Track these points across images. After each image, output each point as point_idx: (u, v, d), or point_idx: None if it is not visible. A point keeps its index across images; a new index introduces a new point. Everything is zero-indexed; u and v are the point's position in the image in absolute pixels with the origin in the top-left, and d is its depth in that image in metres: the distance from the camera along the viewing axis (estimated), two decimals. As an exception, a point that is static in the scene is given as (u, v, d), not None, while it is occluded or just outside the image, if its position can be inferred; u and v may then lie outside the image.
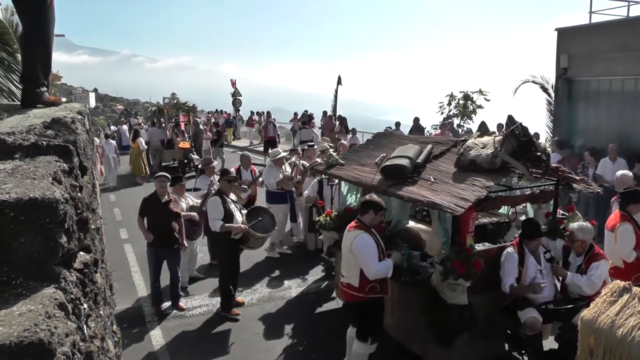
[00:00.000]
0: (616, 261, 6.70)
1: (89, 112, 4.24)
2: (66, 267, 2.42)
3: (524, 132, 6.02)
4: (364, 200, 6.01)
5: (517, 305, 5.92)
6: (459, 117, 21.15)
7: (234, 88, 33.95)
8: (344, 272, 6.04)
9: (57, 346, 1.97)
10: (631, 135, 12.50)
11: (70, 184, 2.63)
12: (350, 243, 5.76)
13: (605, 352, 4.59)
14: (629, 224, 6.75)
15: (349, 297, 6.01)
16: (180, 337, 7.60)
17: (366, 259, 5.72)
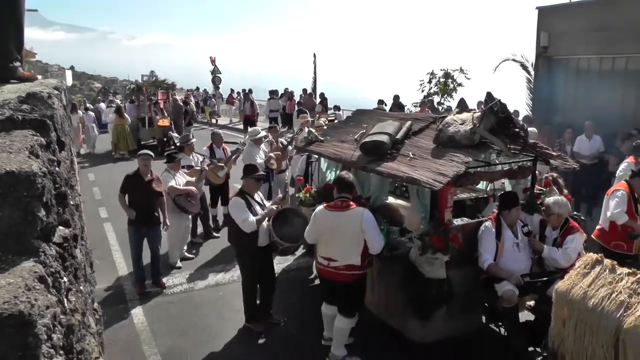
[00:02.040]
0: (604, 224, 7.30)
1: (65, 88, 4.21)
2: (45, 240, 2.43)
3: (502, 109, 6.06)
4: (346, 181, 5.99)
5: (494, 279, 6.02)
6: (439, 95, 21.16)
7: (214, 65, 33.66)
8: (337, 256, 5.89)
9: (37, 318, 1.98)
10: (608, 113, 12.65)
11: (48, 158, 2.62)
12: (360, 220, 5.71)
13: (577, 322, 4.73)
14: (626, 191, 7.16)
15: (348, 277, 5.92)
16: (162, 315, 7.61)
17: (377, 232, 5.78)
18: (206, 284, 8.67)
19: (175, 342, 6.86)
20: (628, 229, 7.15)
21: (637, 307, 4.45)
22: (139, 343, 6.85)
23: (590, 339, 4.63)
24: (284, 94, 26.56)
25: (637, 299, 4.53)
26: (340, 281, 5.98)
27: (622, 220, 7.10)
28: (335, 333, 6.24)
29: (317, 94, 24.66)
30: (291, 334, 7.11)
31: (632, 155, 9.14)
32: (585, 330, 4.66)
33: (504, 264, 6.08)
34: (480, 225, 6.32)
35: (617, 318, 4.46)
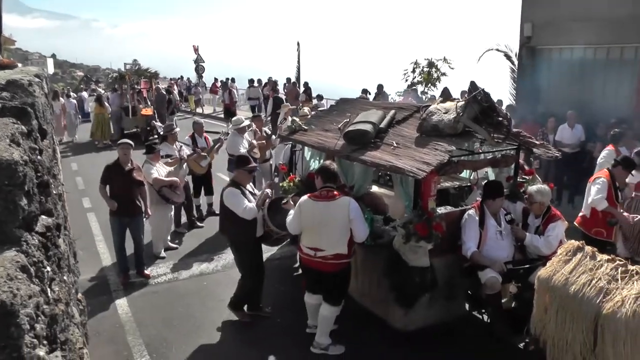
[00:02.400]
0: (586, 210, 7.50)
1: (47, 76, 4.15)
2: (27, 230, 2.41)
3: (485, 98, 6.09)
4: (330, 171, 6.00)
5: (477, 266, 6.07)
6: (423, 84, 21.18)
7: (197, 54, 33.42)
8: (324, 246, 5.89)
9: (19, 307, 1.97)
10: (590, 103, 12.77)
11: (30, 146, 2.60)
12: (347, 209, 5.73)
13: (558, 309, 4.79)
14: (607, 179, 7.34)
15: (336, 267, 5.94)
16: (146, 305, 7.58)
17: (362, 222, 5.81)
18: (190, 273, 8.65)
19: (160, 332, 6.85)
20: (608, 215, 7.31)
21: (616, 293, 4.54)
22: (123, 334, 6.82)
23: (571, 325, 4.70)
24: (268, 83, 26.45)
25: (615, 285, 4.62)
26: (328, 271, 5.99)
27: (602, 206, 7.25)
28: (321, 321, 6.26)
29: (301, 83, 24.58)
30: (275, 322, 7.12)
31: (612, 144, 9.33)
32: (567, 316, 4.73)
33: (487, 251, 6.14)
34: (464, 214, 6.36)
35: (597, 304, 4.54)
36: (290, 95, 23.37)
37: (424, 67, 21.09)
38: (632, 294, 4.47)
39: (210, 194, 11.29)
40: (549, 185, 7.21)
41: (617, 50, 13.29)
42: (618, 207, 7.42)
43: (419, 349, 6.36)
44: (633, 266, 4.80)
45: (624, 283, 4.62)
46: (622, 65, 13.17)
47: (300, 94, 22.78)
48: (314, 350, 6.33)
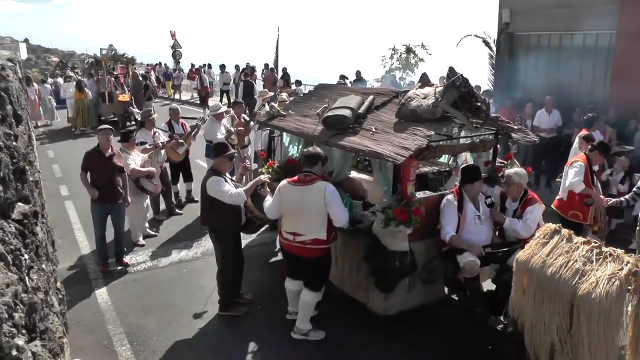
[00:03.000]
0: (563, 193, 7.70)
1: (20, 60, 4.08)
2: (3, 217, 2.37)
3: (464, 83, 6.10)
4: (311, 154, 6.00)
5: (456, 250, 6.12)
6: (401, 70, 21.25)
7: (174, 40, 33.04)
8: (302, 230, 5.91)
9: (-4, 295, 1.94)
10: (567, 89, 12.91)
11: (4, 132, 2.55)
12: (322, 194, 5.73)
13: (536, 291, 4.86)
14: (584, 163, 7.55)
15: (315, 252, 5.95)
16: (126, 293, 7.54)
17: (341, 206, 5.80)
18: (170, 261, 8.62)
19: (140, 321, 6.82)
20: (585, 197, 7.50)
21: (590, 275, 4.63)
22: (103, 322, 6.77)
23: (548, 306, 4.77)
24: (246, 69, 26.29)
25: (590, 267, 4.71)
26: (307, 256, 6.01)
27: (579, 188, 7.44)
28: (301, 307, 6.28)
29: (280, 69, 24.49)
30: (255, 308, 7.13)
31: (585, 128, 9.54)
32: (544, 298, 4.80)
33: (465, 236, 6.18)
34: (443, 199, 6.39)
35: (573, 285, 4.63)
36: (268, 81, 23.28)
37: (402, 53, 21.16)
38: (605, 275, 4.56)
39: (189, 181, 11.23)
40: (526, 170, 7.31)
41: (593, 36, 13.45)
42: (594, 189, 7.62)
43: (398, 332, 6.43)
44: (607, 248, 4.89)
45: (598, 265, 4.71)
46: (597, 52, 13.33)
47: (279, 79, 22.70)
48: (295, 335, 6.35)
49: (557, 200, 7.96)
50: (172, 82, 31.98)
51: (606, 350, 4.54)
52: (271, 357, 6.10)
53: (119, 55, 23.23)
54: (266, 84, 23.23)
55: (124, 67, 23.17)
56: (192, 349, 6.26)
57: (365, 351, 6.18)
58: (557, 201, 7.95)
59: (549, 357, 4.89)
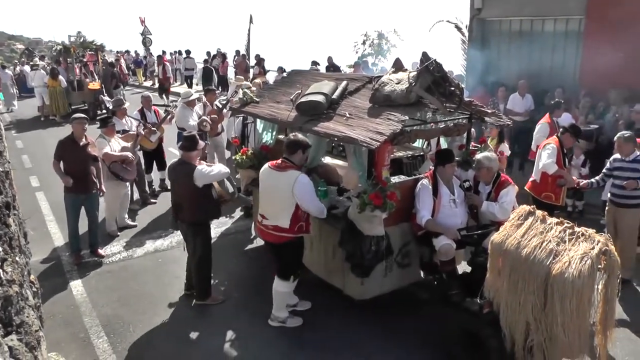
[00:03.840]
0: (536, 175, 7.90)
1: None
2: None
3: (438, 68, 6.11)
4: (291, 141, 5.97)
5: (431, 234, 6.15)
6: (373, 56, 21.28)
7: (143, 26, 32.54)
8: (268, 215, 6.00)
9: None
10: (538, 73, 13.04)
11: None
12: (292, 184, 5.72)
13: (511, 271, 4.91)
14: (556, 145, 7.75)
15: (276, 238, 6.01)
16: (101, 285, 7.46)
17: (311, 199, 5.80)
18: (145, 251, 8.55)
19: (116, 312, 6.77)
20: (558, 178, 7.70)
21: (564, 255, 4.71)
22: (79, 315, 6.71)
23: (523, 287, 4.82)
24: (217, 55, 26.09)
25: (563, 247, 4.79)
26: (269, 241, 6.12)
27: (552, 169, 7.63)
28: (274, 295, 6.30)
29: (252, 56, 24.36)
30: (232, 296, 7.12)
31: (548, 114, 9.72)
32: (519, 278, 4.85)
33: (441, 219, 6.21)
34: (417, 183, 6.41)
35: (547, 265, 4.70)
36: (240, 68, 23.20)
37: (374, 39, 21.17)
38: (577, 254, 4.65)
39: (163, 169, 11.09)
40: (499, 153, 7.39)
41: (563, 22, 13.59)
42: (566, 170, 7.84)
43: (374, 316, 6.49)
44: (579, 228, 4.97)
45: (571, 245, 4.80)
46: (567, 37, 13.49)
47: (253, 66, 22.61)
48: (272, 323, 6.37)
49: (530, 182, 8.11)
50: (142, 69, 31.60)
51: (579, 327, 4.64)
52: (249, 345, 6.10)
53: (88, 42, 22.83)
54: (238, 70, 23.15)
55: (94, 54, 22.78)
56: (169, 338, 6.23)
57: (343, 336, 6.22)
58: (530, 183, 8.10)
59: (524, 336, 4.96)
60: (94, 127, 8.95)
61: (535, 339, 4.90)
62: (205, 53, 27.01)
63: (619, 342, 6.05)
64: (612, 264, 4.72)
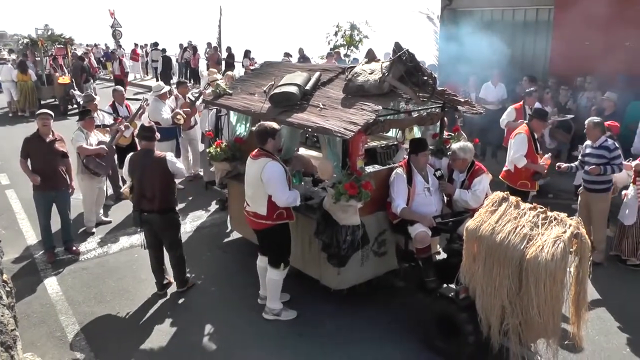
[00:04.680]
0: (510, 165, 7.89)
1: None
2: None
3: (410, 58, 6.14)
4: (257, 131, 5.96)
5: (407, 222, 6.19)
6: (345, 47, 21.29)
7: (113, 18, 32.06)
8: (249, 202, 6.09)
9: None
10: (510, 62, 13.18)
11: None
12: (260, 171, 5.76)
13: (486, 257, 4.99)
14: (526, 134, 7.75)
15: (256, 225, 6.12)
16: (77, 282, 7.35)
17: (277, 187, 5.78)
18: (120, 247, 8.46)
19: (93, 309, 6.69)
20: (532, 170, 7.75)
21: (537, 239, 4.81)
22: (54, 313, 6.60)
23: (498, 271, 4.91)
24: (188, 47, 25.92)
25: (537, 231, 4.89)
26: (254, 228, 6.22)
27: (521, 163, 7.69)
28: (267, 285, 6.33)
29: (224, 48, 24.25)
30: (209, 291, 7.11)
31: (520, 103, 9.88)
32: (494, 263, 4.94)
33: (416, 207, 6.25)
34: (392, 172, 6.44)
35: (521, 250, 4.80)
36: (212, 60, 23.11)
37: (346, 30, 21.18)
38: (550, 238, 4.76)
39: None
40: (473, 141, 7.45)
41: (533, 12, 13.78)
42: (539, 157, 7.87)
43: (352, 305, 6.55)
44: (552, 213, 5.07)
45: (544, 229, 4.90)
46: (537, 27, 13.67)
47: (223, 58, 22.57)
48: (267, 316, 6.40)
49: (504, 172, 8.14)
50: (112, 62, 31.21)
51: (553, 309, 4.75)
52: (228, 338, 6.09)
53: (56, 36, 22.43)
54: (210, 62, 23.05)
55: (63, 47, 22.34)
56: (148, 334, 6.19)
57: (321, 326, 6.27)
58: (504, 172, 8.14)
59: (500, 320, 5.05)
60: (68, 122, 8.79)
61: (510, 322, 5.00)
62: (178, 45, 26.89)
63: (590, 321, 6.19)
64: (584, 247, 4.85)
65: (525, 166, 7.72)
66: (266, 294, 6.44)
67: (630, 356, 5.83)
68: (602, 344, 6.04)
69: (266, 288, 6.40)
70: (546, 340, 5.08)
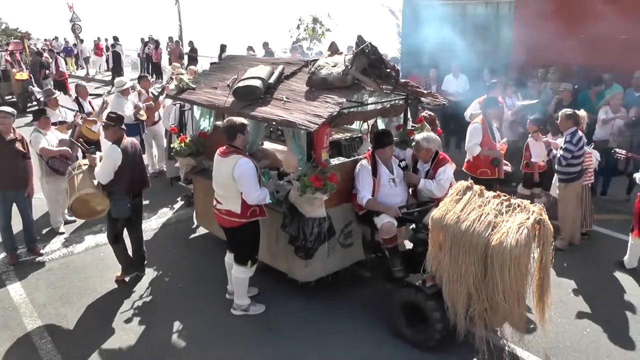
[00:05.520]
0: (468, 155, 8.05)
1: None
2: None
3: (373, 51, 6.16)
4: (226, 127, 5.90)
5: (373, 213, 6.23)
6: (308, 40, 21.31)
7: (72, 12, 31.42)
8: (221, 200, 6.00)
9: None
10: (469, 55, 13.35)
11: None
12: (232, 168, 5.70)
13: (451, 245, 5.07)
14: (481, 123, 7.90)
15: (229, 223, 6.02)
16: (42, 284, 7.20)
17: (248, 184, 5.72)
18: (85, 246, 8.32)
19: (59, 311, 6.56)
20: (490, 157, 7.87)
21: (502, 226, 4.91)
22: (18, 317, 6.45)
23: (463, 258, 5.00)
24: (149, 42, 25.62)
25: (501, 218, 4.99)
26: (224, 225, 6.12)
27: (476, 151, 7.87)
28: (234, 282, 6.31)
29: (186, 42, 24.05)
30: (177, 288, 7.06)
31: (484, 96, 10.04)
32: (459, 251, 5.02)
33: (381, 198, 6.29)
34: (357, 164, 6.48)
35: (486, 237, 4.89)
36: (174, 55, 22.94)
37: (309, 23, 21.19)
38: (515, 225, 4.85)
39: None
40: (437, 132, 7.53)
41: (494, 5, 14.00)
42: (497, 144, 7.99)
43: (320, 297, 6.60)
44: (515, 200, 5.17)
45: (508, 216, 5.01)
46: (498, 20, 13.89)
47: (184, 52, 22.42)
48: (235, 312, 6.38)
49: (465, 163, 8.28)
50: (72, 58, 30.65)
51: (518, 293, 4.87)
52: (196, 334, 6.07)
53: (11, 30, 21.90)
54: (172, 57, 22.88)
55: (19, 42, 21.75)
56: (116, 334, 6.11)
57: (290, 319, 6.29)
58: (465, 163, 8.28)
59: (466, 306, 5.15)
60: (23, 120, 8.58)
61: (476, 308, 5.11)
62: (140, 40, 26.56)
63: (553, 305, 6.37)
64: (547, 232, 4.95)
65: (481, 153, 7.86)
66: (233, 289, 6.43)
67: (590, 335, 6.04)
68: (565, 325, 6.22)
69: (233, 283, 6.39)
70: (511, 324, 5.20)
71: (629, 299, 6.80)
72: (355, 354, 5.69)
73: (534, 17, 11.70)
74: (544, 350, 5.70)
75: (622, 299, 6.82)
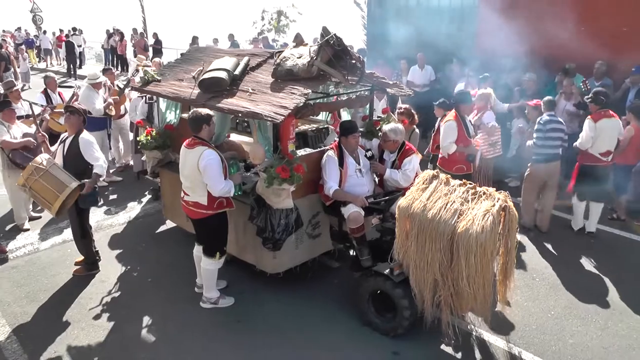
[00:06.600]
0: (443, 152, 7.92)
1: None
2: None
3: (338, 42, 6.18)
4: (191, 118, 5.87)
5: (340, 203, 6.27)
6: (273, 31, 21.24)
7: (32, 3, 30.75)
8: (188, 191, 5.99)
9: None
10: (437, 46, 13.47)
11: None
12: (197, 159, 5.68)
13: (418, 232, 5.14)
14: (455, 120, 7.76)
15: (196, 215, 6.02)
16: (6, 282, 7.06)
17: (213, 176, 5.71)
18: (52, 242, 8.18)
19: (25, 309, 6.44)
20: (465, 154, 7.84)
21: (468, 213, 5.00)
22: (-18, 318, 6.34)
23: (430, 246, 5.09)
24: (114, 33, 25.25)
25: (467, 206, 5.09)
26: (193, 217, 6.12)
27: (452, 149, 7.76)
28: (202, 275, 6.31)
29: (150, 34, 23.77)
30: (145, 282, 7.01)
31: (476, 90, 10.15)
32: (426, 238, 5.10)
33: (348, 188, 6.33)
34: (323, 155, 6.50)
35: (452, 224, 4.98)
36: (139, 47, 22.69)
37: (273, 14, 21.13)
38: (480, 212, 4.94)
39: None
40: (403, 123, 7.59)
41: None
42: (472, 139, 7.90)
43: (289, 288, 6.65)
44: (481, 188, 5.28)
45: (474, 203, 5.10)
46: (463, 11, 14.01)
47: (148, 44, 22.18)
48: (204, 305, 6.38)
49: (440, 159, 8.12)
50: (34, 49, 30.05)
51: (483, 279, 4.95)
52: (167, 328, 6.04)
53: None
54: (137, 49, 22.62)
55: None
56: (85, 330, 6.04)
57: (258, 311, 6.31)
58: (440, 160, 8.11)
59: (432, 293, 5.25)
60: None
61: (443, 294, 5.19)
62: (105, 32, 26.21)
63: (519, 289, 6.56)
64: (511, 219, 5.06)
65: (457, 151, 7.77)
66: (202, 282, 6.43)
67: (554, 318, 6.21)
68: (530, 309, 6.39)
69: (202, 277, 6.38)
70: (475, 310, 5.33)
71: (590, 282, 7.05)
72: (325, 343, 5.73)
73: (499, 8, 11.83)
74: (510, 334, 5.85)
75: (585, 282, 7.05)
